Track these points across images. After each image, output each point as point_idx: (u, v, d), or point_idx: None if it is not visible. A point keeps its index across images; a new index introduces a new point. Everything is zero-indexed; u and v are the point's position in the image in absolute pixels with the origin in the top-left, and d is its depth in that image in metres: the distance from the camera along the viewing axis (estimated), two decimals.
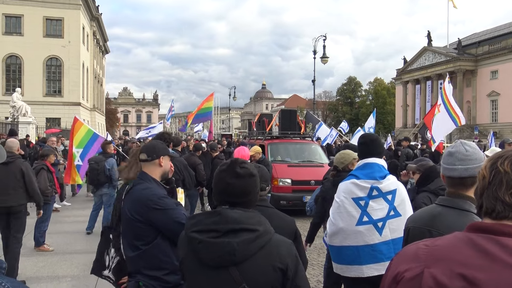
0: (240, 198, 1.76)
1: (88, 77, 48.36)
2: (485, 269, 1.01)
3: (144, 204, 2.61)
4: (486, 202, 1.12)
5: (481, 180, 1.14)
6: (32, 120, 25.39)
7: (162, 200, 2.64)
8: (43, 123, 35.25)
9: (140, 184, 2.72)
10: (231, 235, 1.64)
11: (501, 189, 1.09)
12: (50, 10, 40.75)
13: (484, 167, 1.15)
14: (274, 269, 1.65)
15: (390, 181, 3.19)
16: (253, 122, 15.91)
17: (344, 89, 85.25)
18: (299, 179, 10.50)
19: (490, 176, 1.11)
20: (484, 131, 48.92)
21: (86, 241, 7.77)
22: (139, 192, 2.67)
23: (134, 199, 2.67)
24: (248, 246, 1.63)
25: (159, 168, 2.82)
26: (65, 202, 11.55)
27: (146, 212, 2.59)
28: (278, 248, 1.69)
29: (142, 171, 2.82)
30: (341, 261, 3.21)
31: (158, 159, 2.81)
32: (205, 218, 1.73)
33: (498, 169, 1.10)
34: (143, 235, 2.59)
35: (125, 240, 2.75)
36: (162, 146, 2.92)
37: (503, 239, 1.05)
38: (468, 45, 57.42)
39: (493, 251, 1.04)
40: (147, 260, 2.58)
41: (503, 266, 1.00)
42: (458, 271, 1.03)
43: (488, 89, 53.32)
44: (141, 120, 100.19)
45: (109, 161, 8.31)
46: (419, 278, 1.07)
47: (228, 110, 69.32)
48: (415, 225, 2.02)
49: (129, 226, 2.66)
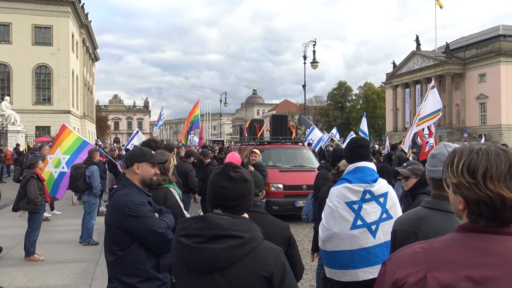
0: (233, 201, 1.78)
1: (78, 85, 48.07)
2: (487, 267, 1.03)
3: (120, 210, 2.65)
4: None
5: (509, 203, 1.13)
6: (22, 128, 25.19)
7: (138, 207, 2.65)
8: (33, 131, 34.96)
9: (121, 190, 2.78)
10: (216, 241, 1.64)
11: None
12: (39, 18, 40.47)
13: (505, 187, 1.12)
14: (258, 277, 1.64)
15: (381, 184, 3.21)
16: (244, 128, 15.93)
17: (335, 94, 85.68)
18: (291, 184, 10.52)
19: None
20: (473, 133, 49.49)
21: (77, 250, 7.70)
22: (118, 198, 2.73)
23: (112, 204, 2.74)
24: (231, 253, 1.63)
25: (136, 175, 2.87)
26: (55, 211, 11.43)
27: (122, 218, 2.62)
28: (264, 256, 1.68)
29: (125, 177, 2.90)
30: (336, 266, 3.20)
31: (132, 166, 2.87)
32: (193, 223, 1.74)
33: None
34: (119, 241, 2.63)
35: (105, 244, 2.79)
36: (137, 153, 2.97)
37: (496, 237, 1.09)
38: (456, 48, 58.14)
39: (491, 248, 1.07)
40: (123, 266, 2.62)
41: (505, 261, 1.04)
42: (463, 273, 1.04)
43: (476, 92, 53.95)
44: (132, 127, 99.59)
45: (90, 168, 8.23)
46: (423, 283, 1.07)
47: (220, 116, 69.20)
48: (402, 227, 2.03)
49: (108, 231, 2.71)
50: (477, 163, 1.11)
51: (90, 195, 8.32)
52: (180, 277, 1.75)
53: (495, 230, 1.10)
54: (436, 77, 56.20)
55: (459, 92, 56.30)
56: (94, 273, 6.37)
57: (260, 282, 1.65)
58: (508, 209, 1.09)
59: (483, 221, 1.11)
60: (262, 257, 1.68)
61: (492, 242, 1.09)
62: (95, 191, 8.32)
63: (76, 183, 8.12)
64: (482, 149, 1.15)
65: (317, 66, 25.72)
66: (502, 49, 50.95)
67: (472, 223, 1.13)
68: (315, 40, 25.70)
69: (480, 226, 1.12)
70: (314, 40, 25.70)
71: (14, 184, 11.14)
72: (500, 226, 1.11)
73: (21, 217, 7.47)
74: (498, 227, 1.11)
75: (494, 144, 1.18)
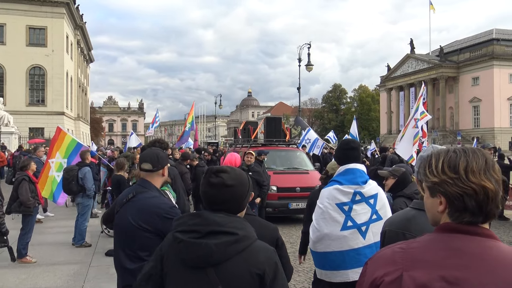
0: (217, 205, 1.80)
1: (72, 86, 47.90)
2: (461, 268, 1.06)
3: (154, 213, 2.53)
4: (495, 212, 1.16)
5: (492, 195, 1.15)
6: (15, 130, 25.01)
7: (173, 209, 2.60)
8: (26, 133, 34.77)
9: (145, 193, 2.63)
10: (211, 237, 1.68)
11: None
12: (33, 19, 40.32)
13: (486, 179, 1.15)
14: (251, 274, 1.68)
15: (371, 186, 3.25)
16: (239, 130, 15.94)
17: (329, 96, 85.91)
18: (285, 186, 10.53)
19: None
20: (466, 136, 49.78)
21: (69, 252, 7.67)
22: (146, 201, 2.58)
23: (141, 207, 2.57)
24: (225, 249, 1.66)
25: (161, 178, 2.78)
26: (48, 213, 11.38)
27: (157, 221, 2.51)
28: (258, 254, 1.72)
29: (144, 179, 2.73)
30: (326, 267, 3.23)
31: (163, 169, 2.76)
32: (189, 219, 1.78)
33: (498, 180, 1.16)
34: (149, 245, 2.46)
35: (122, 251, 2.62)
36: (165, 156, 2.84)
37: (473, 237, 1.11)
38: (450, 52, 58.56)
39: (467, 249, 1.09)
40: None
41: (479, 262, 1.06)
42: (437, 273, 1.06)
43: (470, 95, 54.33)
44: (126, 129, 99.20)
45: (82, 170, 8.18)
46: (399, 282, 1.09)
47: (214, 118, 69.15)
48: (390, 228, 2.07)
49: (133, 236, 2.55)
50: (457, 159, 1.16)
51: (83, 197, 8.29)
52: (173, 273, 1.77)
53: (472, 230, 1.13)
54: (430, 80, 56.56)
55: (453, 95, 56.67)
56: (86, 275, 6.35)
57: (253, 279, 1.68)
58: (490, 201, 1.12)
59: (468, 216, 1.13)
60: (255, 255, 1.71)
61: (468, 242, 1.11)
62: (89, 193, 8.29)
63: (69, 185, 8.09)
64: (458, 149, 1.21)
65: (311, 69, 25.84)
66: (495, 53, 51.40)
67: (455, 221, 1.15)
68: (309, 43, 25.87)
69: (459, 226, 1.14)
70: (309, 43, 25.87)
71: (8, 186, 11.09)
72: (481, 223, 1.14)
73: (13, 220, 7.42)
74: (475, 227, 1.13)
75: (465, 146, 1.24)
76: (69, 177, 8.05)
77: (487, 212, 1.13)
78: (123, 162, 8.19)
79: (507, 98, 51.67)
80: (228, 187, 1.80)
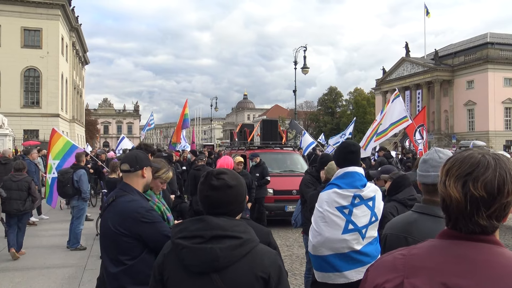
0: (220, 209, 1.77)
1: (67, 88, 47.68)
2: (465, 275, 1.03)
3: (131, 217, 2.51)
4: (462, 224, 1.10)
5: (455, 204, 1.09)
6: (9, 132, 24.82)
7: (150, 213, 2.56)
8: (21, 135, 34.53)
9: (124, 196, 2.60)
10: (215, 241, 1.65)
11: (479, 214, 1.07)
12: (28, 21, 40.12)
13: (454, 187, 1.10)
14: (256, 278, 1.66)
15: (370, 188, 3.24)
16: (235, 133, 15.93)
17: (325, 99, 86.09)
18: (281, 188, 10.51)
19: (466, 202, 1.07)
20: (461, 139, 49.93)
21: (64, 255, 7.60)
22: (124, 205, 2.56)
23: (118, 211, 2.55)
24: (231, 253, 1.64)
25: (142, 179, 2.73)
26: (43, 215, 11.30)
27: (134, 225, 2.49)
28: (262, 257, 1.70)
29: (124, 182, 2.71)
30: (328, 269, 3.20)
31: (141, 170, 2.72)
32: (190, 225, 1.74)
33: (473, 194, 1.07)
34: (129, 250, 2.49)
35: (106, 255, 2.62)
36: (144, 156, 2.81)
37: (475, 244, 1.08)
38: (445, 55, 58.86)
39: (468, 256, 1.06)
40: (133, 275, 2.48)
41: (484, 269, 1.03)
42: (438, 279, 1.04)
43: (464, 98, 54.60)
44: (121, 131, 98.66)
45: (77, 172, 8.10)
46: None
47: (210, 120, 69.06)
48: (392, 231, 2.04)
49: (113, 241, 2.53)
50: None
51: (79, 200, 8.21)
52: (174, 281, 1.73)
53: (474, 237, 1.10)
54: (425, 83, 56.78)
55: (448, 98, 56.94)
56: (81, 278, 6.29)
57: (258, 283, 1.66)
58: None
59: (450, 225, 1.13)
60: (259, 259, 1.70)
61: (470, 249, 1.08)
62: (84, 195, 8.21)
63: (64, 188, 8.01)
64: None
65: (307, 72, 25.89)
66: (489, 57, 51.71)
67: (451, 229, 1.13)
68: (305, 46, 25.92)
69: (462, 233, 1.11)
70: (304, 46, 25.91)
71: None
72: (481, 234, 1.09)
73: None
74: (478, 235, 1.09)
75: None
76: (64, 180, 7.98)
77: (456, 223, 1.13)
78: (116, 165, 8.15)
79: (502, 101, 51.98)
80: (231, 188, 1.79)
